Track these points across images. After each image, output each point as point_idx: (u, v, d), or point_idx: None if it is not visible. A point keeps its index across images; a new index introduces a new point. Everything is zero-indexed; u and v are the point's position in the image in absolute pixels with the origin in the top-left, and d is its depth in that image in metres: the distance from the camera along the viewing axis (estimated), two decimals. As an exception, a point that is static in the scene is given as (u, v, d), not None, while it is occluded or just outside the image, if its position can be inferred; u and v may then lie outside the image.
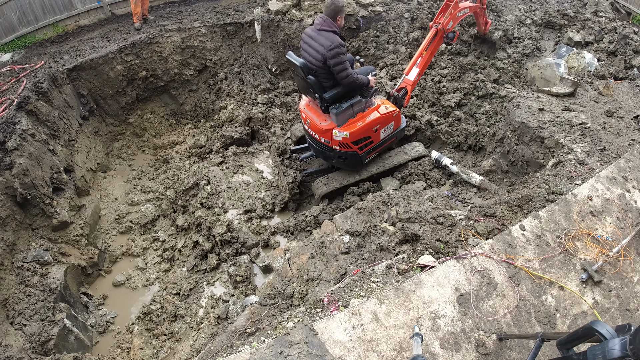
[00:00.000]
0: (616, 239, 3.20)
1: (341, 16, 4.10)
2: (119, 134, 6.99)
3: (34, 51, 6.96)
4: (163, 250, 5.25)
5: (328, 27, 3.97)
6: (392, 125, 5.05)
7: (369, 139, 4.84)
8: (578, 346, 1.73)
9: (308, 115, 4.83)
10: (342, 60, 3.98)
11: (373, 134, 4.84)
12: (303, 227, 5.08)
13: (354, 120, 4.65)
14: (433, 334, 2.52)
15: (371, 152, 5.10)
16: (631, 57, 6.75)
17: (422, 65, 5.21)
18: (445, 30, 5.04)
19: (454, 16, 5.08)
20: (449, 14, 5.00)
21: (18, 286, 4.06)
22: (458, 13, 5.18)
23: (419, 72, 5.21)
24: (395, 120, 5.06)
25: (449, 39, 5.13)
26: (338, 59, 3.94)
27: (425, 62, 5.20)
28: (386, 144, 5.26)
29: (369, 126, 4.71)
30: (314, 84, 4.23)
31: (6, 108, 5.09)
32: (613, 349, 1.41)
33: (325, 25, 3.98)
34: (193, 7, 8.05)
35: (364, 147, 4.88)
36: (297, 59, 4.22)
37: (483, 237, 3.22)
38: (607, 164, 3.84)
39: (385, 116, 4.83)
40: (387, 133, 5.08)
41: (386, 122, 4.93)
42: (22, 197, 4.41)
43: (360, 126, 4.63)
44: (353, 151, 4.80)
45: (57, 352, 3.77)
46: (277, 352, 2.26)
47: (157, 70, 6.89)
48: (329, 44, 3.90)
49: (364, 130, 4.68)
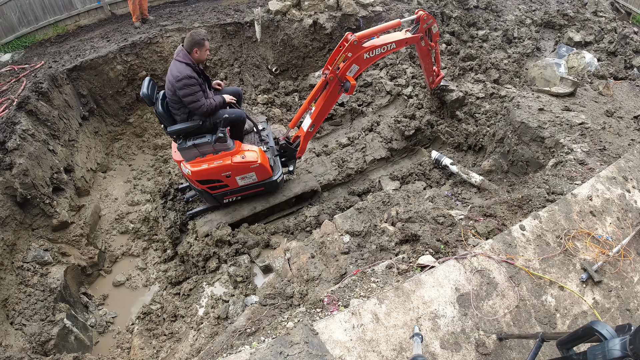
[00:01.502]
0: (616, 239, 3.20)
1: (199, 49, 3.91)
2: (119, 134, 6.99)
3: (34, 51, 6.96)
4: (162, 251, 5.25)
5: (182, 59, 3.91)
6: (253, 175, 4.61)
7: (221, 182, 4.54)
8: (578, 346, 1.73)
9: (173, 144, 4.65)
10: (191, 91, 3.87)
11: (225, 179, 4.51)
12: (303, 227, 5.08)
13: (201, 160, 4.34)
14: (433, 334, 2.52)
15: (228, 195, 4.77)
16: (631, 57, 6.76)
17: (315, 116, 4.55)
18: (341, 78, 4.15)
19: (357, 60, 4.09)
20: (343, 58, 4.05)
21: (18, 286, 4.05)
22: (367, 54, 4.11)
23: (312, 123, 4.61)
24: (257, 171, 4.58)
25: (345, 89, 4.21)
26: (187, 90, 3.85)
27: (318, 113, 4.53)
28: (249, 191, 4.84)
29: (216, 170, 4.38)
30: (160, 115, 4.08)
31: (6, 108, 5.09)
32: (613, 349, 1.42)
33: (180, 56, 3.93)
34: (193, 7, 8.05)
35: (216, 188, 4.60)
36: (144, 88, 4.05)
37: (483, 237, 3.23)
38: (607, 164, 3.84)
39: (239, 165, 4.42)
40: (248, 182, 4.67)
41: (242, 171, 4.51)
42: (22, 197, 4.41)
43: (203, 168, 4.33)
44: (202, 189, 4.57)
45: (57, 352, 3.77)
46: (277, 352, 2.26)
47: (157, 70, 6.89)
48: (177, 74, 3.84)
49: (208, 173, 4.37)
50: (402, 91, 6.45)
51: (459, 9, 7.35)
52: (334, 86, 4.26)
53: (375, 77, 6.65)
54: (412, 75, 6.57)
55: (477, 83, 6.36)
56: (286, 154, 5.00)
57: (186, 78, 3.82)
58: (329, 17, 7.03)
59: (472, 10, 7.42)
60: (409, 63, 6.75)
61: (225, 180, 4.52)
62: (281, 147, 4.96)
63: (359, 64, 4.17)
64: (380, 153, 5.97)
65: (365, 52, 4.13)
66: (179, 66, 3.88)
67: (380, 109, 6.54)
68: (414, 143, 6.16)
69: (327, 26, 6.99)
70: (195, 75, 3.90)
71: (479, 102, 6.13)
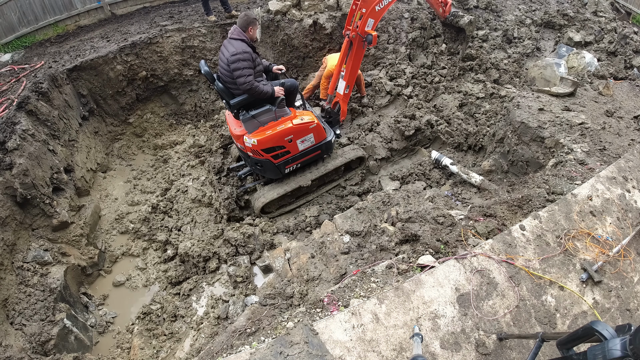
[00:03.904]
0: (616, 239, 3.20)
1: (253, 27, 4.23)
2: (119, 134, 6.99)
3: (34, 51, 6.95)
4: (163, 251, 5.26)
5: (237, 36, 4.17)
6: (311, 137, 4.88)
7: (283, 148, 4.76)
8: (578, 346, 1.73)
9: (228, 121, 4.93)
10: (241, 66, 4.07)
11: (288, 144, 4.74)
12: (303, 227, 5.09)
13: (264, 128, 4.58)
14: (433, 334, 2.52)
15: (290, 162, 4.99)
16: (631, 57, 6.76)
17: (347, 77, 4.94)
18: (362, 34, 4.53)
19: (371, 14, 4.46)
20: (359, 15, 4.50)
21: (18, 286, 4.05)
22: (377, 6, 4.48)
23: (347, 84, 5.01)
24: (315, 132, 4.86)
25: (368, 42, 4.58)
26: (238, 64, 4.06)
27: (350, 73, 4.93)
28: (308, 156, 5.10)
29: (280, 135, 4.61)
30: (221, 90, 4.33)
31: (6, 108, 5.09)
32: (613, 349, 1.41)
33: (235, 33, 4.19)
34: (193, 7, 8.04)
35: (279, 156, 4.81)
36: (203, 67, 4.34)
37: (483, 237, 3.23)
38: (607, 164, 3.84)
39: (300, 127, 4.69)
40: (308, 145, 4.93)
41: (302, 134, 4.77)
42: (22, 197, 4.41)
43: (269, 134, 4.54)
44: (266, 159, 4.74)
45: (57, 352, 3.77)
46: (277, 352, 2.26)
47: (157, 70, 6.89)
48: (233, 49, 4.09)
49: (274, 139, 4.59)
50: (402, 91, 6.44)
51: (459, 9, 7.34)
52: (357, 43, 4.66)
53: (375, 77, 6.64)
54: (412, 75, 6.57)
55: (477, 83, 6.36)
56: (330, 119, 5.30)
57: (241, 53, 4.07)
58: (329, 17, 7.03)
59: (472, 10, 7.42)
60: (407, 63, 6.75)
61: (287, 146, 4.78)
62: (326, 112, 5.24)
63: (373, 16, 4.52)
64: (380, 153, 5.97)
65: (376, 4, 4.45)
66: (234, 42, 4.15)
67: (380, 109, 6.54)
68: (414, 143, 6.16)
69: (327, 26, 6.99)
70: (249, 50, 4.15)
71: (479, 102, 6.13)
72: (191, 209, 5.57)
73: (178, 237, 5.23)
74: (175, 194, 5.76)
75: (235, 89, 4.32)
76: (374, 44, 4.67)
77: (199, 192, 5.67)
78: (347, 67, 4.91)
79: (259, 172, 5.11)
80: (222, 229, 5.18)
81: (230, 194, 5.30)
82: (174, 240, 5.18)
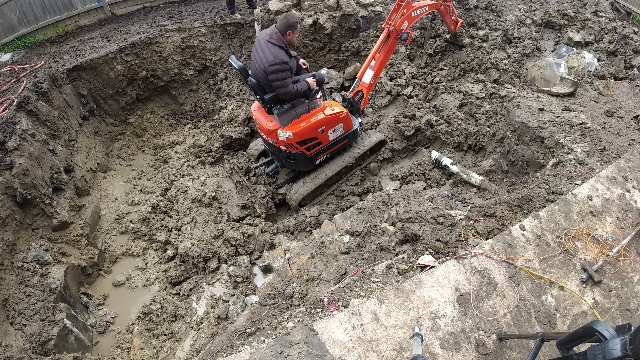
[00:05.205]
0: (616, 239, 3.20)
1: (292, 32, 4.13)
2: (119, 134, 6.99)
3: (34, 51, 6.95)
4: (163, 251, 5.25)
5: (276, 42, 4.06)
6: (341, 126, 5.06)
7: (316, 139, 4.86)
8: (578, 346, 1.73)
9: (257, 117, 4.93)
10: (281, 77, 4.07)
11: (320, 135, 4.86)
12: (303, 227, 5.08)
13: (298, 121, 4.67)
14: (433, 334, 2.52)
15: (321, 153, 5.11)
16: (631, 57, 6.76)
17: (376, 67, 5.15)
18: (399, 31, 4.95)
19: (407, 16, 4.97)
20: (401, 14, 4.91)
21: (18, 286, 4.05)
22: (413, 12, 5.06)
23: (374, 75, 5.18)
24: (344, 122, 5.05)
25: (403, 39, 5.01)
26: (277, 75, 4.04)
27: (380, 64, 5.14)
28: (337, 145, 5.28)
29: (314, 127, 4.73)
30: (254, 85, 4.33)
31: (6, 108, 5.09)
32: (613, 349, 1.41)
33: (274, 38, 4.07)
34: (193, 7, 8.04)
35: (311, 147, 4.90)
36: (236, 62, 4.36)
37: (483, 237, 3.23)
38: (607, 164, 3.84)
39: (331, 117, 4.83)
40: (337, 135, 5.11)
41: (333, 124, 4.92)
42: (22, 197, 4.41)
43: (303, 127, 4.64)
44: (300, 152, 4.81)
45: (57, 352, 3.77)
46: (277, 352, 2.26)
47: (157, 70, 6.89)
48: (271, 59, 4.00)
49: (308, 131, 4.70)
50: (402, 91, 6.45)
51: (459, 9, 7.34)
52: (394, 37, 5.01)
53: (375, 77, 6.65)
54: (412, 75, 6.57)
55: (477, 83, 6.36)
56: (352, 108, 5.41)
57: (280, 64, 4.00)
58: (329, 17, 7.03)
59: (472, 10, 7.42)
60: (407, 63, 6.75)
61: (319, 137, 4.90)
62: (349, 101, 5.34)
63: (409, 20, 5.04)
64: (381, 153, 5.97)
65: (414, 10, 5.03)
66: (273, 50, 4.04)
67: (380, 109, 6.54)
68: (414, 143, 6.16)
69: (327, 26, 6.99)
70: (288, 59, 4.10)
71: (479, 102, 6.13)
72: (191, 209, 5.57)
73: (178, 237, 5.23)
74: (175, 194, 5.76)
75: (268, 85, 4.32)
76: (407, 42, 5.07)
77: (199, 192, 5.67)
78: (379, 58, 5.10)
79: (290, 165, 5.18)
80: (222, 229, 5.18)
81: (267, 192, 5.33)
82: (174, 240, 5.18)
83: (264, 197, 5.28)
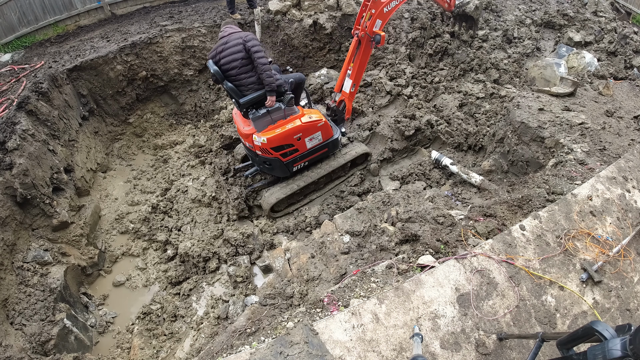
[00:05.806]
0: (616, 239, 3.20)
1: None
2: (119, 134, 6.99)
3: (34, 51, 6.95)
4: (163, 251, 5.25)
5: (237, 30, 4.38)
6: (319, 135, 4.96)
7: (292, 146, 4.81)
8: (578, 346, 1.73)
9: (236, 120, 4.95)
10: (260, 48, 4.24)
11: (296, 142, 4.80)
12: (303, 227, 5.08)
13: (274, 127, 4.63)
14: (433, 334, 2.52)
15: (298, 160, 5.05)
16: (631, 57, 6.76)
17: (354, 76, 5.04)
18: (370, 34, 4.65)
19: (379, 14, 4.58)
20: (370, 15, 4.59)
21: (18, 286, 4.05)
22: (386, 8, 4.62)
23: (352, 83, 5.09)
24: (322, 130, 4.95)
25: (376, 42, 4.68)
26: (257, 47, 4.20)
27: (356, 72, 5.03)
28: (316, 154, 5.19)
29: (289, 133, 4.67)
30: (230, 89, 4.35)
31: (6, 108, 5.09)
32: (613, 349, 1.41)
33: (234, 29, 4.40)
34: (193, 7, 8.04)
35: (287, 154, 4.86)
36: (212, 67, 4.33)
37: (483, 237, 3.23)
38: (607, 164, 3.84)
39: (308, 125, 4.76)
40: (315, 143, 5.01)
41: (310, 131, 4.84)
42: (22, 197, 4.41)
43: (278, 133, 4.60)
44: (275, 157, 4.78)
45: (57, 352, 3.77)
46: (277, 352, 2.26)
47: (157, 70, 6.89)
48: (245, 34, 4.28)
49: (283, 137, 4.65)
50: (402, 91, 6.44)
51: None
52: (366, 42, 4.75)
53: (375, 77, 6.64)
54: (412, 75, 6.57)
55: (477, 83, 6.36)
56: (336, 117, 5.39)
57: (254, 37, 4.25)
58: (329, 17, 7.03)
59: (472, 10, 7.41)
60: (407, 63, 6.75)
61: (296, 144, 4.83)
62: (332, 110, 5.32)
63: (381, 17, 4.66)
64: (381, 153, 5.97)
65: (384, 5, 4.59)
66: (239, 33, 4.32)
67: (380, 109, 6.54)
68: (414, 143, 6.16)
69: (327, 26, 6.99)
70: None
71: (479, 102, 6.13)
72: (191, 209, 5.57)
73: (178, 237, 5.23)
74: (175, 194, 5.76)
75: (245, 87, 4.37)
76: (382, 44, 4.78)
77: (199, 192, 5.67)
78: (355, 66, 4.98)
79: (266, 171, 5.14)
80: (222, 229, 5.18)
81: (240, 194, 5.31)
82: (174, 240, 5.18)
83: (236, 199, 5.25)
